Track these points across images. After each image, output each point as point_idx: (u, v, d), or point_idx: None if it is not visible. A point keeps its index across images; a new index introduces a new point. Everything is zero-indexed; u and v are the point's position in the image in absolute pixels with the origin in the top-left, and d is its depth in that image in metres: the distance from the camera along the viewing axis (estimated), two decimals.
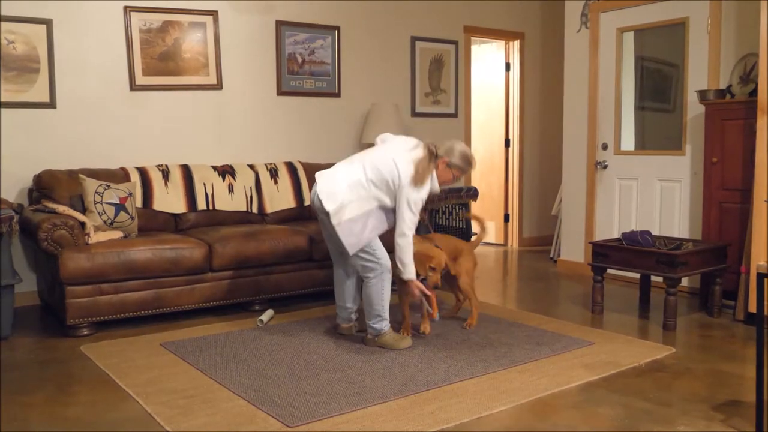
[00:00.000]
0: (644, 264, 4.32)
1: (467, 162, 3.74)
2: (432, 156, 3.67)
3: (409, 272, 3.71)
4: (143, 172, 4.93)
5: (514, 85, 7.52)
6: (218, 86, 5.55)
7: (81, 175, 4.51)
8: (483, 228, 4.44)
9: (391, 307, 3.86)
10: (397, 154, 3.67)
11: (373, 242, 3.72)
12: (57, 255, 3.99)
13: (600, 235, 5.85)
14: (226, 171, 5.24)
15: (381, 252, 3.74)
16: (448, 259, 3.99)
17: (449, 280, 4.27)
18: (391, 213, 3.72)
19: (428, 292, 3.85)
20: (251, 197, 5.26)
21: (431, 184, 3.70)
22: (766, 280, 2.63)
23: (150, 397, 3.08)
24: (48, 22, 4.80)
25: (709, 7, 5.03)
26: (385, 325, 3.79)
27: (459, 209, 6.00)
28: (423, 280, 3.83)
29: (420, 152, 3.68)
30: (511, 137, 7.60)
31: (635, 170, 5.61)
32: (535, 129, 7.66)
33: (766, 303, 2.63)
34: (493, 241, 7.78)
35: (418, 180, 3.59)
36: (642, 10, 5.51)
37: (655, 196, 5.47)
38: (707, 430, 2.75)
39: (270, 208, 5.33)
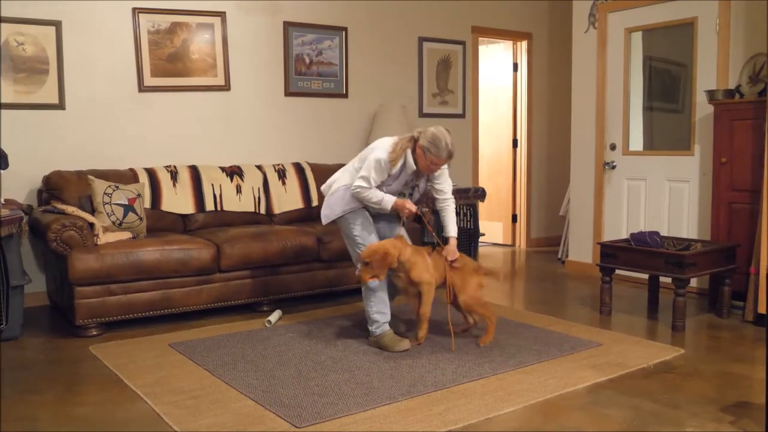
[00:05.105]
0: (653, 265, 4.31)
1: (435, 145, 3.62)
2: (413, 138, 3.74)
3: (386, 202, 3.72)
4: (152, 173, 4.95)
5: (522, 86, 7.50)
6: (226, 87, 5.57)
7: (90, 176, 4.53)
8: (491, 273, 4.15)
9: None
10: (381, 138, 3.87)
11: (364, 239, 3.81)
12: (66, 256, 4.00)
13: (608, 236, 5.83)
14: (234, 172, 5.26)
15: None
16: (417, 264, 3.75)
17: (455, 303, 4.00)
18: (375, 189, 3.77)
19: (414, 209, 3.78)
20: (259, 198, 5.27)
21: (406, 159, 3.71)
22: None
23: (158, 397, 3.09)
24: (57, 24, 4.83)
25: (717, 6, 5.00)
26: (376, 328, 3.81)
27: (467, 210, 6.00)
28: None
29: (407, 135, 3.80)
30: (518, 137, 7.58)
31: (644, 171, 5.59)
32: (542, 129, 7.65)
33: None
34: (501, 242, 7.77)
35: (391, 151, 3.68)
36: (650, 10, 5.49)
37: (663, 197, 5.45)
38: None
39: (278, 208, 5.34)
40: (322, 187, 4.07)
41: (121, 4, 5.09)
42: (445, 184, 3.91)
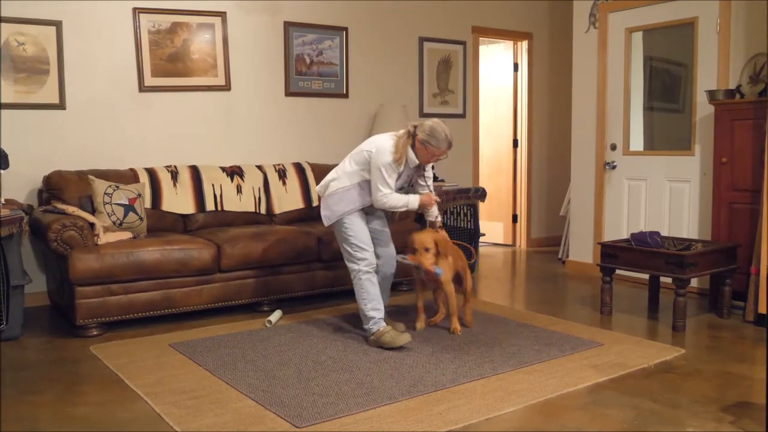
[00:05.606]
0: (653, 265, 4.30)
1: (435, 137, 3.75)
2: (410, 134, 3.84)
3: (412, 202, 3.91)
4: (152, 173, 4.95)
5: (522, 86, 7.50)
6: (226, 87, 5.57)
7: (90, 176, 4.53)
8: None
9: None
10: (377, 135, 3.99)
11: (358, 239, 3.88)
12: (66, 256, 4.01)
13: (609, 236, 5.83)
14: (234, 172, 5.26)
15: (361, 253, 3.87)
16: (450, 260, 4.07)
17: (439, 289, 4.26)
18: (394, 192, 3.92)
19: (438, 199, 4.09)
20: (259, 198, 5.27)
21: (408, 156, 3.83)
22: None
23: (159, 398, 3.09)
24: (57, 24, 4.83)
25: (718, 6, 5.00)
26: (372, 325, 3.83)
27: (467, 210, 6.00)
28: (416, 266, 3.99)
29: (401, 132, 3.90)
30: (519, 138, 7.58)
31: (644, 171, 5.58)
32: (543, 129, 7.64)
33: None
34: (502, 242, 7.77)
35: (395, 152, 3.79)
36: (651, 10, 5.49)
37: (664, 197, 5.45)
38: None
39: (278, 208, 5.34)
40: (318, 188, 4.16)
41: (122, 4, 5.09)
42: (430, 170, 4.14)
